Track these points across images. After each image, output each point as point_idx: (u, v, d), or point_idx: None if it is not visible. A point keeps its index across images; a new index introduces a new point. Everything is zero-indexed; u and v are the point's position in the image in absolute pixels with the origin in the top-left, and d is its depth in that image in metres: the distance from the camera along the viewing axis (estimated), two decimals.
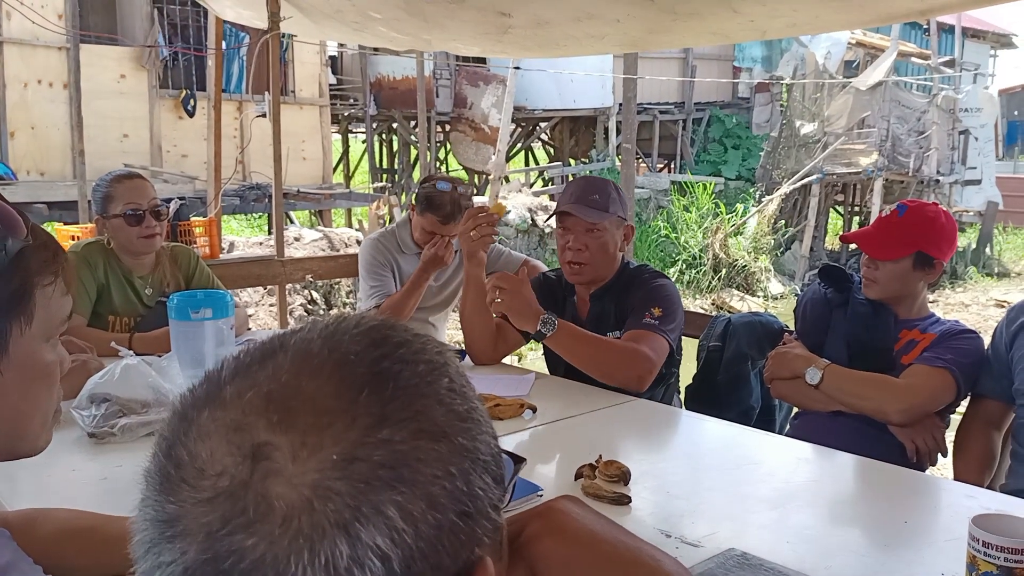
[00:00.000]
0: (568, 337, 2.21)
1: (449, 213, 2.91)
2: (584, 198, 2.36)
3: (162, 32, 10.29)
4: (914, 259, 2.09)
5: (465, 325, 2.49)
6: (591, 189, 2.40)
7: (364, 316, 0.53)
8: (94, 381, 1.82)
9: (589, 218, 2.33)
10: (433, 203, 2.94)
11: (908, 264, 2.09)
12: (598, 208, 2.35)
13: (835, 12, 2.88)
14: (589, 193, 2.38)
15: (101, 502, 1.39)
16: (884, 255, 2.11)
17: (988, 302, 12.52)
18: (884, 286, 2.12)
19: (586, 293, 2.44)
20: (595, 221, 2.33)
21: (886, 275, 2.11)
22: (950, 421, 2.13)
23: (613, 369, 2.18)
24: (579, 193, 2.39)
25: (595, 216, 2.33)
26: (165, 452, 0.46)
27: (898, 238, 2.10)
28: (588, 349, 2.21)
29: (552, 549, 0.62)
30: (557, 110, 16.09)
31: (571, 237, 2.35)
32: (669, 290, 2.37)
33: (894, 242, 2.10)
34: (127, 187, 2.59)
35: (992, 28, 22.21)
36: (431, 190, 2.98)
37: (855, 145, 14.44)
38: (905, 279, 2.11)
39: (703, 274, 12.65)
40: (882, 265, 2.11)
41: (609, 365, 2.18)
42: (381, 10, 3.65)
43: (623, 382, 2.18)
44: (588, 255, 2.35)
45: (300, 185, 11.01)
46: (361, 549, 0.42)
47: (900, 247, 2.09)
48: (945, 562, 1.24)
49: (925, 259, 2.09)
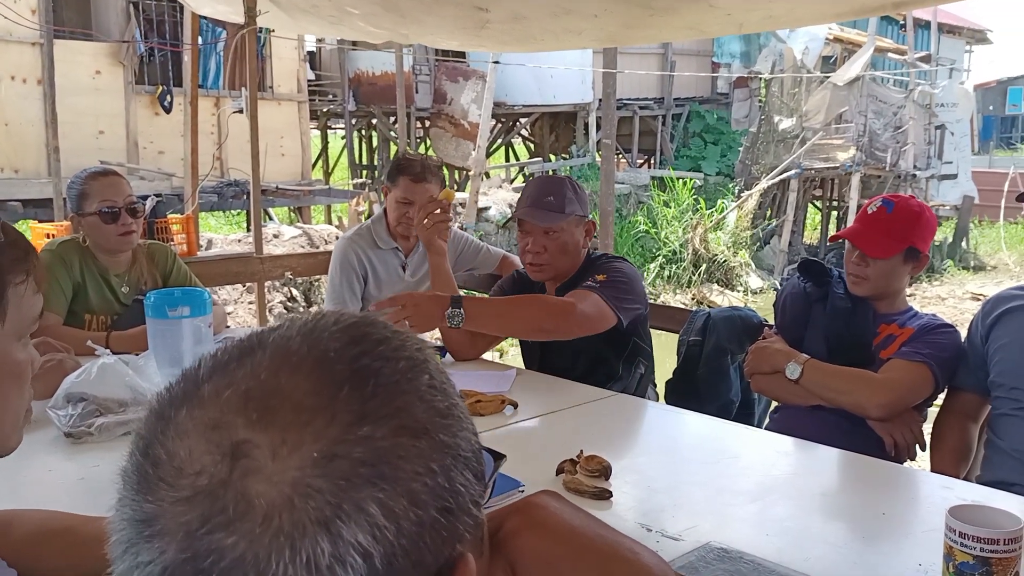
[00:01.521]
0: (481, 316, 2.25)
1: (419, 172, 2.92)
2: (539, 201, 2.40)
3: (138, 27, 10.19)
4: (905, 254, 2.11)
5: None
6: (546, 191, 2.43)
7: (343, 313, 0.52)
8: (70, 380, 1.80)
9: (544, 223, 2.36)
10: (403, 166, 2.97)
11: (900, 259, 2.11)
12: (554, 210, 2.38)
13: (810, 4, 2.90)
14: (544, 195, 2.41)
15: (78, 503, 1.38)
16: (879, 253, 2.11)
17: (964, 295, 12.67)
18: (875, 283, 2.13)
19: (553, 288, 2.47)
20: (550, 224, 2.37)
21: (877, 272, 2.12)
22: (927, 415, 2.15)
23: (536, 319, 2.24)
24: (534, 196, 2.43)
25: (550, 219, 2.37)
26: (142, 451, 0.46)
27: (890, 235, 2.11)
28: (504, 313, 2.27)
29: (531, 544, 0.62)
30: (537, 106, 16.10)
31: (530, 240, 2.39)
32: (620, 266, 2.41)
33: (887, 239, 2.10)
34: (102, 184, 2.57)
35: (967, 24, 22.44)
36: (400, 158, 3.10)
37: (833, 140, 14.55)
38: (895, 274, 2.13)
39: (683, 269, 12.71)
40: (873, 262, 2.12)
41: (530, 321, 2.24)
42: (357, 5, 3.63)
43: (553, 331, 2.24)
44: (547, 256, 2.39)
45: (279, 181, 10.95)
46: (343, 546, 0.42)
47: (893, 244, 2.10)
48: (922, 553, 1.25)
49: (914, 253, 2.11)
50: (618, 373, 2.42)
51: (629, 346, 2.42)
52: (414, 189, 2.92)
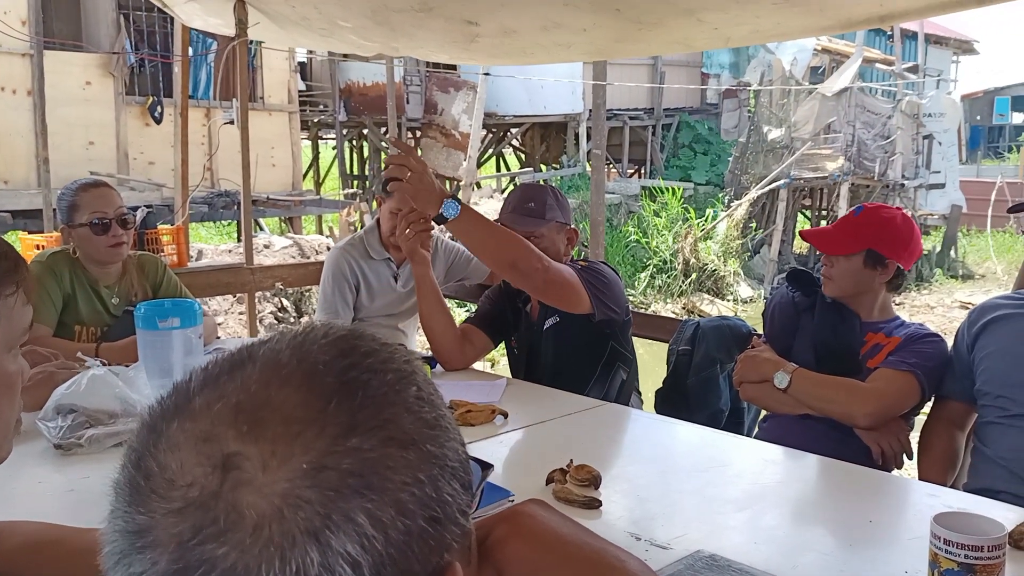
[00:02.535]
0: (471, 222, 2.18)
1: None
2: (520, 207, 2.44)
3: (128, 38, 10.19)
4: (865, 256, 2.13)
5: (426, 328, 2.52)
6: (527, 197, 2.47)
7: (332, 326, 0.53)
8: (60, 392, 1.79)
9: (525, 227, 2.37)
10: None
11: (859, 261, 2.14)
12: (535, 216, 2.41)
13: (796, 18, 2.93)
14: (525, 202, 2.45)
15: (68, 514, 1.37)
16: (835, 250, 2.17)
17: (953, 304, 12.73)
18: (839, 283, 2.17)
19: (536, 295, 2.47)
20: (531, 229, 2.38)
21: (840, 272, 2.17)
22: (914, 423, 2.17)
23: (514, 257, 2.18)
24: (515, 203, 2.46)
25: (531, 224, 2.39)
26: (134, 463, 0.46)
27: (851, 235, 2.17)
28: (490, 235, 2.21)
29: (519, 552, 0.62)
30: (528, 116, 16.13)
31: None
32: (601, 267, 2.43)
33: (846, 239, 2.16)
34: (93, 195, 2.56)
35: (954, 35, 22.62)
36: None
37: (821, 150, 14.63)
38: (858, 276, 2.15)
39: (674, 279, 12.74)
40: (836, 262, 2.17)
41: (509, 252, 2.18)
42: (348, 18, 3.64)
43: (525, 273, 2.19)
44: None
45: (269, 192, 10.94)
46: (331, 556, 0.43)
47: (851, 243, 2.14)
48: (909, 560, 1.26)
49: (876, 257, 2.13)
50: (595, 376, 2.44)
51: (607, 350, 2.44)
52: None
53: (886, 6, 2.76)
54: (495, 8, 3.20)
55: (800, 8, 2.78)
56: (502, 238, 2.21)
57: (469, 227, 2.19)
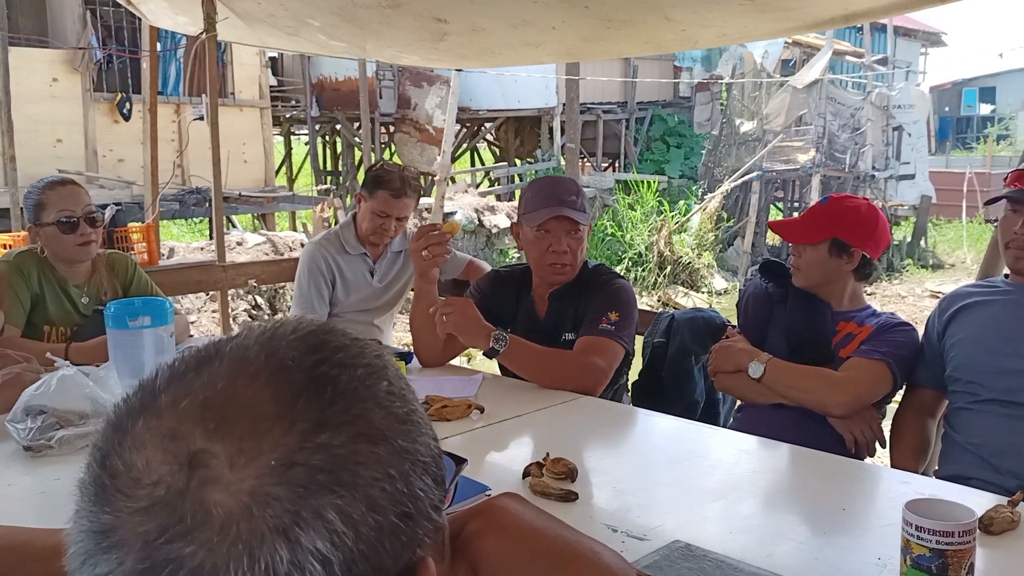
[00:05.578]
0: (520, 351, 2.21)
1: (399, 188, 2.95)
2: (566, 200, 2.32)
3: (95, 34, 10.05)
4: (830, 245, 2.15)
5: (415, 333, 2.49)
6: (569, 190, 2.36)
7: (302, 321, 0.53)
8: (29, 393, 1.76)
9: (581, 220, 2.32)
10: (382, 180, 2.97)
11: (825, 250, 2.16)
12: (580, 209, 2.34)
13: (763, 22, 2.95)
14: (569, 195, 2.34)
15: (39, 517, 1.36)
16: (801, 239, 2.20)
17: (923, 293, 12.89)
18: (806, 272, 2.20)
19: (546, 292, 2.42)
20: (584, 223, 2.34)
21: (807, 261, 2.19)
22: (886, 411, 2.19)
23: (566, 382, 2.18)
24: (560, 195, 2.33)
25: (583, 218, 2.33)
26: (99, 462, 0.46)
27: (816, 224, 2.20)
28: (540, 363, 2.22)
29: (492, 546, 0.62)
30: (501, 110, 16.12)
31: (552, 240, 2.31)
32: (627, 293, 2.37)
33: (812, 228, 2.19)
34: (60, 194, 2.53)
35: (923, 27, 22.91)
36: (379, 170, 3.04)
37: (793, 142, 14.76)
38: (825, 265, 2.17)
39: (649, 271, 12.80)
40: (803, 251, 2.20)
41: (562, 378, 2.19)
42: (315, 16, 3.61)
43: (576, 392, 2.18)
44: (570, 256, 2.34)
45: (242, 188, 10.85)
46: (301, 553, 0.42)
47: (817, 232, 2.17)
48: (881, 547, 1.27)
49: (841, 246, 2.15)
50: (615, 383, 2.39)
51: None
52: (393, 204, 2.98)
53: (850, 7, 2.79)
54: (464, 4, 3.18)
55: (767, 13, 2.80)
56: (552, 367, 2.20)
57: (521, 357, 2.22)
